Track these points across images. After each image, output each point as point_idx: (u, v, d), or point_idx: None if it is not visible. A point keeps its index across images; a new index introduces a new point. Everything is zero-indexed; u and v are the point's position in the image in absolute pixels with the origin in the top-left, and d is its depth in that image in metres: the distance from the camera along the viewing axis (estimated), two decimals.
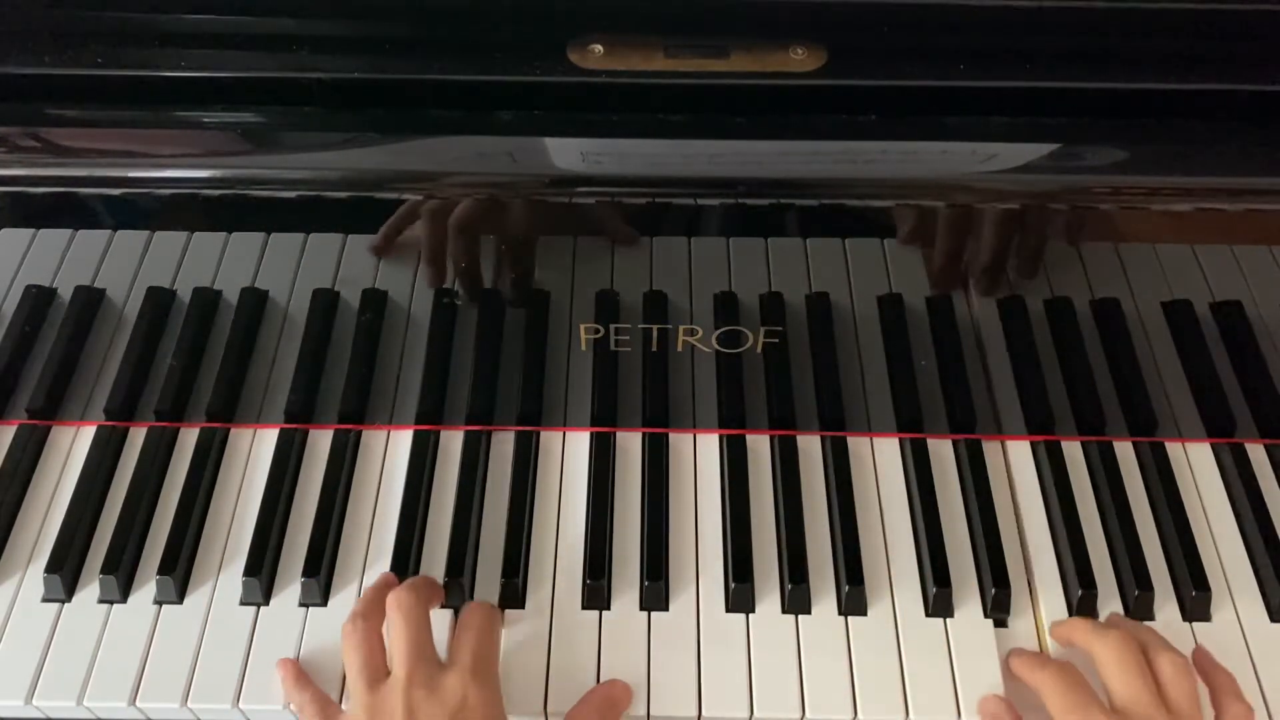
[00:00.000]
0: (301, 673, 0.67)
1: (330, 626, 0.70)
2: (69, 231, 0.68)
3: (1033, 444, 0.79)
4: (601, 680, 0.68)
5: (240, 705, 0.67)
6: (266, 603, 0.71)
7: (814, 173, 0.62)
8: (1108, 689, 0.63)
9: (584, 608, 0.71)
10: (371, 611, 0.65)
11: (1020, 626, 0.70)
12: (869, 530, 0.74)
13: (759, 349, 0.73)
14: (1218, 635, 0.70)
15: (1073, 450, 0.78)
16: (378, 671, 0.63)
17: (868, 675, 0.68)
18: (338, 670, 0.68)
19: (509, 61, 0.63)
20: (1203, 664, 0.66)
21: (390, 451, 0.78)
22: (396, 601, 0.64)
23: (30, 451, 0.78)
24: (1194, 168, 0.62)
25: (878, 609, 0.71)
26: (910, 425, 0.77)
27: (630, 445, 0.78)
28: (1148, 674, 0.62)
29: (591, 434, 0.78)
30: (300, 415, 0.78)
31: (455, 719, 0.60)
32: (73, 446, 0.79)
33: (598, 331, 0.72)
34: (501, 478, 0.77)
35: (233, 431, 0.79)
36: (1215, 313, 0.71)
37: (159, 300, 0.73)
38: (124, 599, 0.71)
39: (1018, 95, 0.62)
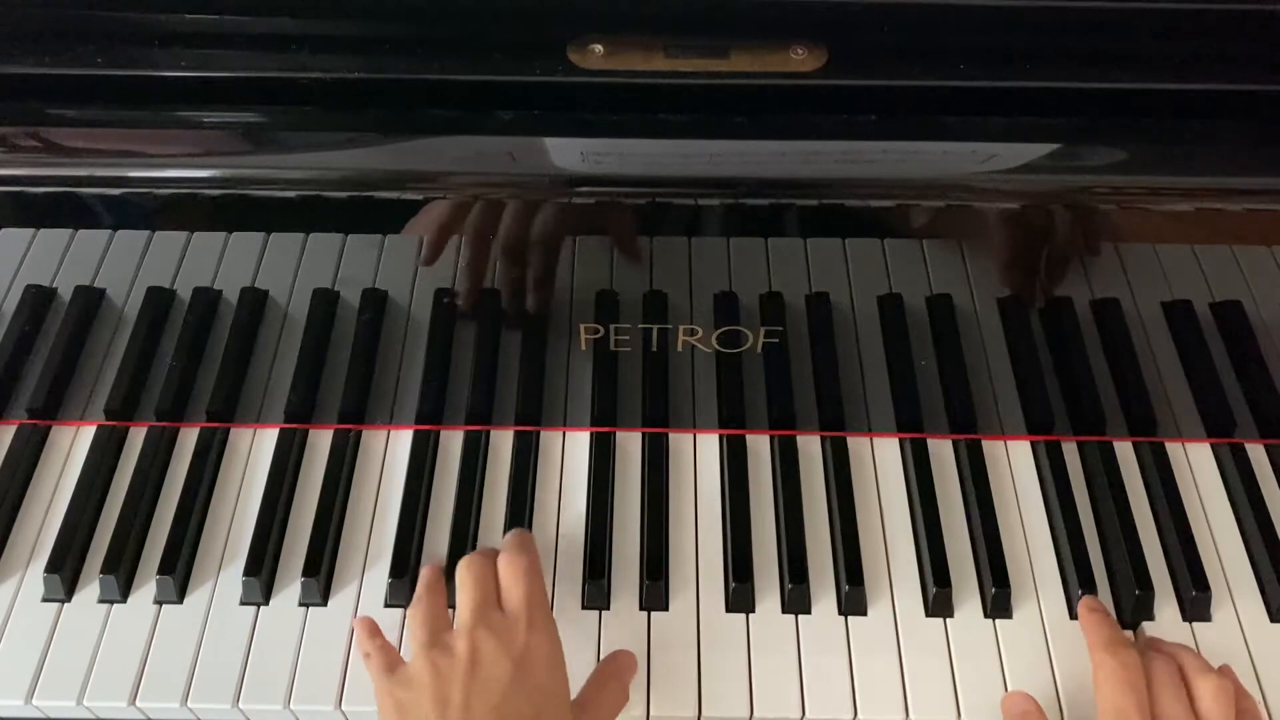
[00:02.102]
0: (376, 627, 0.67)
1: (330, 626, 0.70)
2: (69, 231, 0.68)
3: (1033, 444, 0.79)
4: None
5: (240, 705, 0.67)
6: (266, 602, 0.71)
7: (814, 173, 0.62)
8: (1153, 701, 0.62)
9: (584, 607, 0.71)
10: (439, 593, 0.68)
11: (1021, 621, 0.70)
12: (869, 530, 0.74)
13: (759, 349, 0.73)
14: (1218, 635, 0.70)
15: (1072, 450, 0.78)
16: (441, 623, 0.65)
17: (868, 675, 0.68)
18: (339, 667, 0.68)
19: (509, 61, 0.63)
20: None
21: (390, 451, 0.78)
22: (468, 564, 0.66)
23: (30, 451, 0.78)
24: (1194, 168, 0.62)
25: (878, 609, 0.71)
26: (910, 425, 0.77)
27: (630, 445, 0.78)
28: (1184, 697, 0.62)
29: (591, 434, 0.78)
30: (300, 415, 0.78)
31: (519, 664, 0.61)
32: (73, 446, 0.79)
33: (598, 331, 0.72)
34: (501, 478, 0.77)
35: (233, 431, 0.79)
36: (1215, 313, 0.71)
37: (159, 300, 0.73)
38: (124, 599, 0.71)
39: (1018, 95, 0.62)
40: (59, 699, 0.67)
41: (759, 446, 0.78)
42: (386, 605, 0.71)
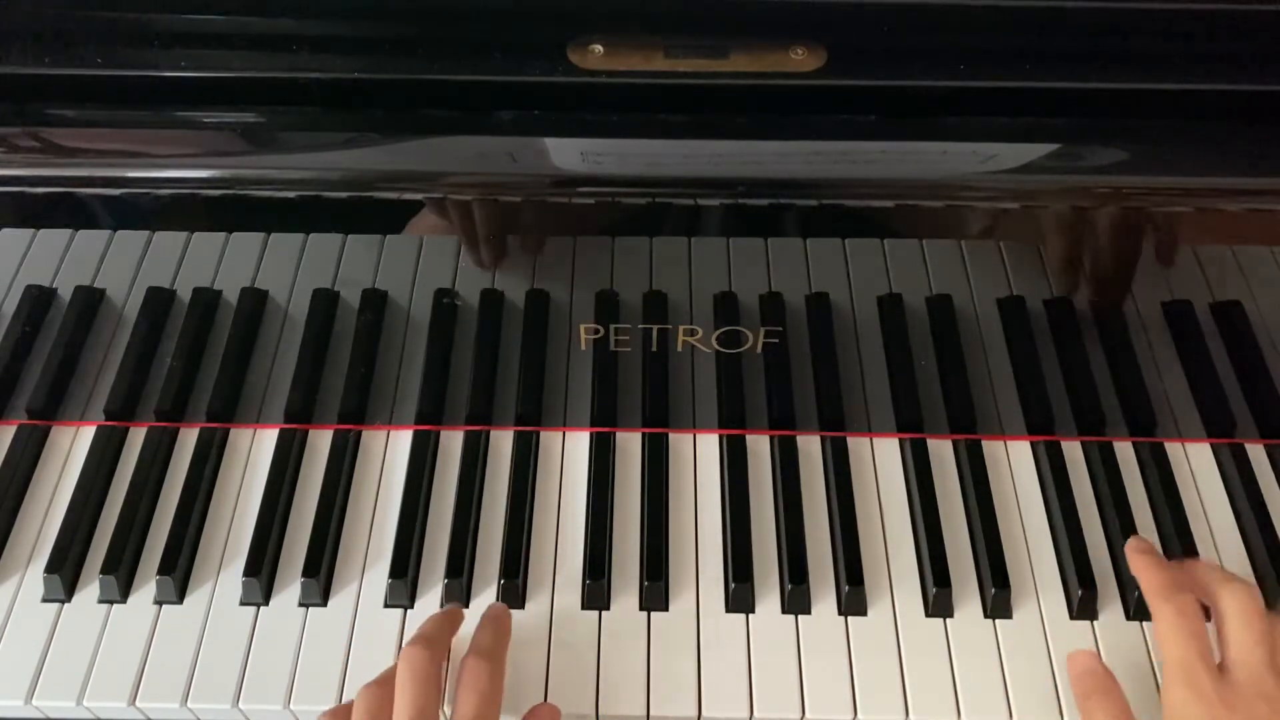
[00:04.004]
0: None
1: (330, 626, 0.70)
2: (69, 231, 0.68)
3: (1033, 444, 0.79)
4: (601, 680, 0.68)
5: (240, 705, 0.67)
6: (266, 603, 0.71)
7: (814, 173, 0.62)
8: (1223, 640, 0.62)
9: (584, 608, 0.71)
10: (389, 683, 0.62)
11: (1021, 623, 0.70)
12: (869, 530, 0.74)
13: (759, 349, 0.73)
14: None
15: (1073, 450, 0.78)
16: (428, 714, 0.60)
17: (868, 675, 0.68)
18: (338, 667, 0.68)
19: (509, 61, 0.63)
20: None
21: (390, 451, 0.78)
22: (409, 659, 0.61)
23: (30, 451, 0.78)
24: (1194, 168, 0.62)
25: (878, 609, 0.71)
26: (910, 425, 0.77)
27: (630, 445, 0.78)
28: (1265, 632, 0.61)
29: (591, 434, 0.78)
30: (300, 415, 0.78)
31: None
32: (73, 446, 0.79)
33: (598, 331, 0.72)
34: (501, 478, 0.77)
35: (233, 431, 0.79)
36: (1215, 313, 0.71)
37: (159, 300, 0.73)
38: (124, 599, 0.71)
39: (1018, 95, 0.62)
40: (59, 699, 0.67)
41: (759, 446, 0.78)
42: (386, 605, 0.71)
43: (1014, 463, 0.78)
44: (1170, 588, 0.64)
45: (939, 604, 0.70)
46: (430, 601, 0.71)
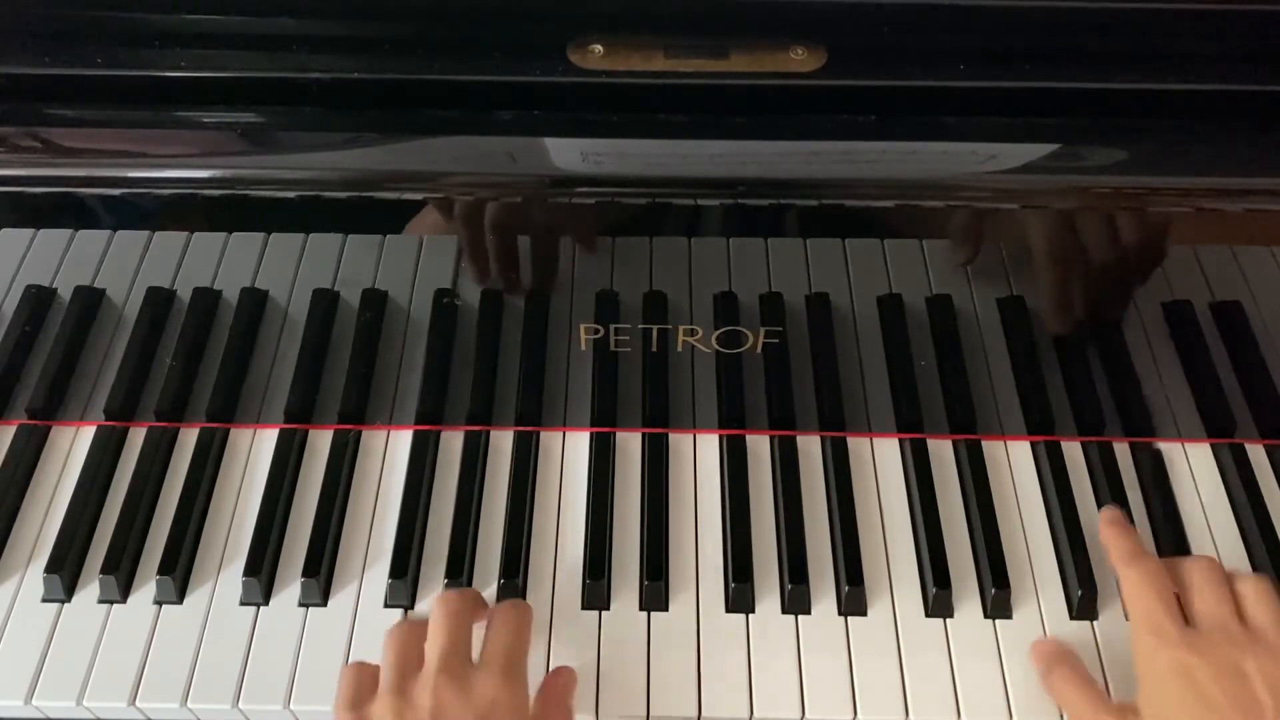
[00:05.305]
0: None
1: (330, 626, 0.70)
2: (69, 231, 0.68)
3: (1033, 444, 0.79)
4: (601, 680, 0.68)
5: (240, 705, 0.67)
6: (266, 603, 0.71)
7: (814, 173, 0.62)
8: (1189, 607, 0.64)
9: (584, 608, 0.71)
10: (419, 622, 0.65)
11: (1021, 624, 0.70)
12: (869, 530, 0.74)
13: (759, 349, 0.73)
14: None
15: (1073, 450, 0.78)
16: (410, 665, 0.62)
17: (868, 675, 0.68)
18: (338, 667, 0.68)
19: (509, 61, 0.63)
20: None
21: (390, 451, 0.78)
22: (443, 599, 0.65)
23: (30, 451, 0.78)
24: (1194, 168, 0.62)
25: (878, 609, 0.71)
26: (910, 425, 0.77)
27: (630, 445, 0.78)
28: (1228, 594, 0.63)
29: (591, 434, 0.78)
30: (300, 415, 0.78)
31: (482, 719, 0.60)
32: (73, 446, 0.79)
33: (598, 331, 0.72)
34: (501, 478, 0.77)
35: (233, 431, 0.79)
36: (1215, 313, 0.71)
37: (159, 300, 0.73)
38: (124, 599, 0.71)
39: (1018, 95, 0.63)
40: (59, 699, 0.67)
41: (759, 446, 0.78)
42: (386, 605, 0.71)
43: (1014, 463, 0.78)
44: (1137, 554, 0.67)
45: (939, 604, 0.70)
46: (430, 602, 0.71)
